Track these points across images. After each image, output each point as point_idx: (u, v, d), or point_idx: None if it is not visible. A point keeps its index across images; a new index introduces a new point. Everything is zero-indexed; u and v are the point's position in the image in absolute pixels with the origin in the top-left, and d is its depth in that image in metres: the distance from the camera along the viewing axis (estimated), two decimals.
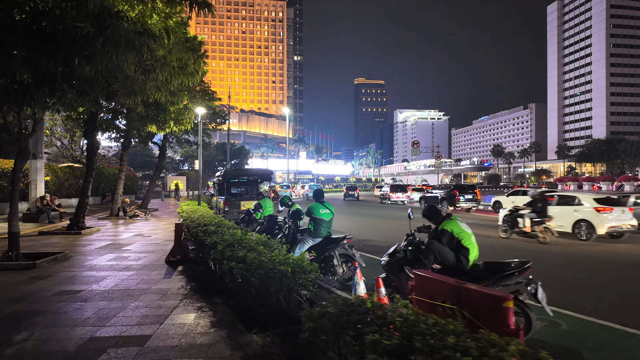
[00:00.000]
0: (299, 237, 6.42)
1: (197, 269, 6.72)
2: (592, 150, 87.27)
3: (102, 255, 7.82)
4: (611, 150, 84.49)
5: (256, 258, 4.20)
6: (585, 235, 10.52)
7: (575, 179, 62.75)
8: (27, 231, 11.25)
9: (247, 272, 4.05)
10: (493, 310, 2.82)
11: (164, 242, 9.58)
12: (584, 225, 10.56)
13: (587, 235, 10.47)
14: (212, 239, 5.69)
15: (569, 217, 10.95)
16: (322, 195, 6.13)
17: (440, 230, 3.85)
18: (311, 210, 5.92)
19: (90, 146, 11.41)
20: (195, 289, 5.40)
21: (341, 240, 5.76)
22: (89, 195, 11.43)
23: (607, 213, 10.34)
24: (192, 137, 21.98)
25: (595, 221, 10.32)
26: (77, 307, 4.56)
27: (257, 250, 4.65)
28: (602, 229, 10.19)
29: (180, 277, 6.07)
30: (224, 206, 12.45)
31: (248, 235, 5.74)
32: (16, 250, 6.79)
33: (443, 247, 3.74)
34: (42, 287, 5.44)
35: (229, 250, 4.89)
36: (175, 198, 32.75)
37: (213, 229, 6.45)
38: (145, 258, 7.61)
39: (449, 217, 3.93)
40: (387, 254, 4.23)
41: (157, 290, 5.31)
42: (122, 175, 15.64)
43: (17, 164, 6.94)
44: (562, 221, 10.95)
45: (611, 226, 10.25)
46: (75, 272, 6.40)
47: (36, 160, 13.77)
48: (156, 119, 10.86)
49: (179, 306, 4.60)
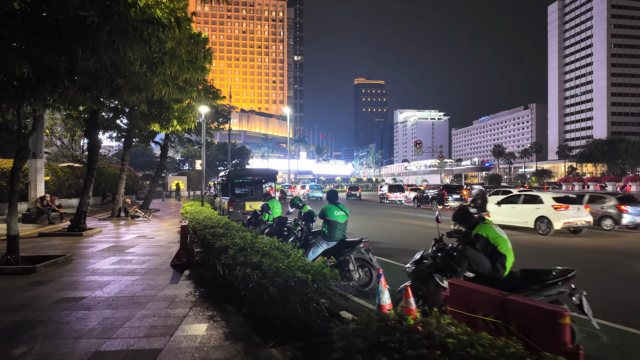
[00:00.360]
0: (311, 240, 6.14)
1: (204, 273, 6.43)
2: (594, 150, 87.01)
3: (104, 259, 7.53)
4: (612, 150, 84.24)
5: (273, 264, 3.91)
6: (544, 230, 11.61)
7: (580, 179, 62.53)
8: (27, 232, 10.96)
9: (263, 280, 3.76)
10: (546, 327, 2.53)
11: (168, 244, 9.29)
12: (544, 221, 11.68)
13: (546, 230, 11.56)
14: (221, 243, 5.40)
15: (531, 214, 12.09)
16: (336, 196, 5.84)
17: (474, 236, 3.56)
18: (325, 212, 5.64)
19: (92, 145, 11.12)
20: (204, 296, 5.11)
21: (357, 244, 5.47)
22: (90, 196, 11.14)
23: (563, 210, 11.40)
24: (195, 136, 21.70)
25: (553, 217, 11.41)
26: (80, 316, 4.27)
27: (272, 256, 4.37)
28: (558, 225, 11.31)
29: (188, 283, 5.78)
30: (229, 207, 12.16)
31: (259, 239, 5.46)
32: (15, 253, 6.50)
33: (478, 254, 3.45)
34: (42, 293, 5.15)
35: (241, 255, 4.60)
36: (176, 198, 32.46)
37: (222, 232, 6.16)
38: (150, 261, 7.31)
39: (482, 220, 3.65)
40: (413, 261, 3.95)
41: (164, 297, 5.02)
42: (124, 175, 15.34)
43: (16, 163, 6.65)
44: (526, 217, 12.21)
45: (567, 222, 11.32)
46: (77, 276, 6.11)
47: (36, 159, 13.49)
48: (159, 117, 10.56)
49: (189, 315, 4.31)
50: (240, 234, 5.99)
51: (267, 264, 3.97)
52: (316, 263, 3.90)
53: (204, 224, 7.26)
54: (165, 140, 19.62)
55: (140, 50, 4.12)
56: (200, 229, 7.02)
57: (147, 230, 11.97)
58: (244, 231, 6.26)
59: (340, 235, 5.62)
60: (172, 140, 20.41)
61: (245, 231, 6.33)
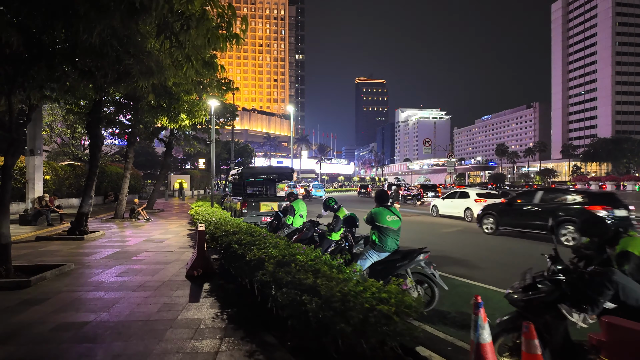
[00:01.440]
0: (356, 250, 5.22)
1: (226, 286, 5.51)
2: (599, 149, 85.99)
3: (109, 268, 6.60)
4: (618, 149, 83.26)
5: (335, 289, 2.99)
6: (470, 218, 15.13)
7: (597, 178, 62.00)
8: (23, 236, 10.04)
9: (327, 312, 2.83)
10: None
11: (179, 250, 8.36)
12: (469, 212, 15.30)
13: (471, 218, 15.07)
14: (253, 254, 4.47)
15: (462, 206, 15.81)
16: (386, 198, 4.90)
17: (620, 253, 2.66)
18: (375, 216, 4.70)
19: (94, 141, 10.18)
20: (234, 320, 4.19)
21: (416, 256, 4.53)
22: (92, 196, 10.22)
23: (481, 203, 14.18)
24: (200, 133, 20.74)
25: (475, 208, 14.57)
26: (83, 352, 3.35)
27: (323, 274, 3.45)
28: (476, 213, 13.67)
29: (211, 301, 4.85)
30: (241, 208, 11.22)
31: (296, 248, 4.54)
32: (6, 264, 5.58)
33: (629, 279, 2.54)
34: (36, 316, 4.23)
35: (283, 272, 3.68)
36: (180, 198, 31.55)
37: (248, 239, 5.24)
38: (162, 271, 6.39)
39: (625, 232, 2.73)
40: (520, 285, 3.02)
41: (186, 322, 4.09)
42: (128, 174, 14.40)
43: (7, 159, 5.71)
44: (459, 209, 15.89)
45: None
46: (78, 292, 5.19)
47: (34, 157, 12.57)
48: (168, 110, 9.62)
49: (221, 350, 3.38)
50: (270, 241, 5.08)
51: (327, 288, 3.04)
52: (392, 288, 2.97)
53: (224, 229, 6.33)
54: (170, 137, 18.69)
55: (160, 11, 3.19)
56: (220, 234, 6.10)
57: (155, 233, 11.05)
58: (273, 238, 5.34)
59: (393, 244, 4.69)
60: (177, 137, 19.46)
61: (275, 238, 5.41)
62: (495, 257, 8.27)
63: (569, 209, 9.81)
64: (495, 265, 7.43)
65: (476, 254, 8.50)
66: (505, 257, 8.24)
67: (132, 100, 12.76)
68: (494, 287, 5.65)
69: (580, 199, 9.95)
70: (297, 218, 7.67)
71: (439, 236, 11.48)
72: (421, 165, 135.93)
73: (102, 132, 11.14)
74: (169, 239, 10.00)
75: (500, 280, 5.97)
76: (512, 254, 8.69)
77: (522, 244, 9.92)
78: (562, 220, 9.55)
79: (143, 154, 40.86)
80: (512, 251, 9.01)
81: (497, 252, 8.89)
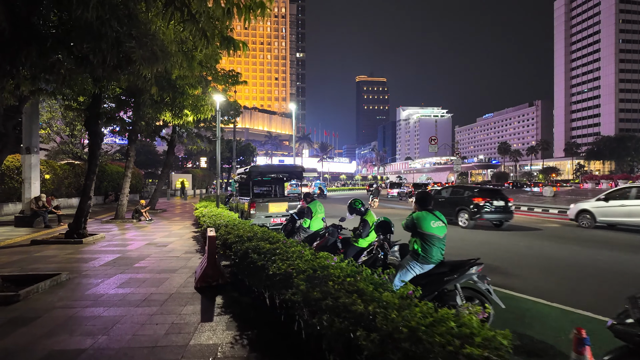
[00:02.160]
0: (392, 261, 4.58)
1: (241, 300, 4.87)
2: (602, 147, 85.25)
3: (109, 277, 5.96)
4: (622, 147, 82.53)
5: (398, 321, 2.34)
6: None
7: (610, 176, 61.74)
8: (18, 239, 9.41)
9: (394, 355, 2.18)
10: None
11: (185, 255, 7.73)
12: None
13: None
14: (277, 266, 3.81)
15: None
16: (430, 200, 4.25)
17: None
18: (418, 222, 4.04)
19: (93, 138, 9.53)
20: (255, 346, 3.54)
21: (468, 269, 3.88)
22: (91, 196, 9.58)
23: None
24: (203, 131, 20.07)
25: None
26: None
27: (371, 296, 2.80)
28: None
29: (227, 320, 4.20)
30: (249, 209, 10.57)
31: (324, 259, 3.89)
32: None
33: None
34: (23, 340, 3.59)
35: (318, 292, 3.03)
36: (182, 197, 30.92)
37: (268, 247, 4.58)
38: (168, 281, 5.75)
39: None
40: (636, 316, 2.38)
41: (200, 349, 3.45)
42: (129, 173, 13.75)
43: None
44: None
45: None
46: (74, 308, 4.55)
47: (30, 155, 11.92)
48: (172, 104, 8.96)
49: None
50: (293, 249, 4.43)
51: (386, 321, 2.38)
52: (470, 319, 2.32)
53: (237, 234, 5.68)
54: (173, 135, 18.03)
55: None
56: (233, 241, 5.44)
57: (158, 235, 10.41)
58: (294, 245, 4.69)
59: (438, 255, 4.04)
60: (180, 134, 18.80)
61: (295, 244, 4.76)
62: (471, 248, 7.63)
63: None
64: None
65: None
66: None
67: (133, 96, 12.12)
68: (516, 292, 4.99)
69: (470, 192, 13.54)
70: (314, 221, 7.03)
71: None
72: (423, 163, 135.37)
73: (101, 129, 10.49)
74: (173, 242, 9.36)
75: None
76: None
77: None
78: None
79: (144, 153, 40.25)
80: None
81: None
